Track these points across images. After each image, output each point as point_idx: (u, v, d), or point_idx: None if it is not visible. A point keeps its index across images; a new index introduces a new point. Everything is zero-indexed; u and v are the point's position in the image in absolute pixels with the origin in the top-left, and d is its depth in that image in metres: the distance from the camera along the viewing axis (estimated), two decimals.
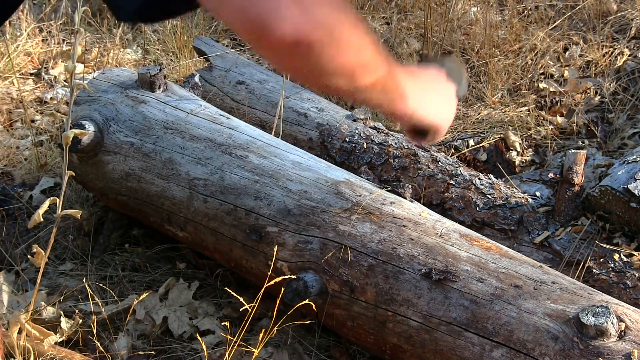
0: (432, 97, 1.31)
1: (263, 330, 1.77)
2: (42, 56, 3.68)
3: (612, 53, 3.32)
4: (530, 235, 2.09)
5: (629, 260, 1.97)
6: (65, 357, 1.97)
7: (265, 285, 1.75)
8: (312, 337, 2.07)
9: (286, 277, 1.82)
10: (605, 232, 2.05)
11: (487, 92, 3.17)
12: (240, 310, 1.74)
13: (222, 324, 1.93)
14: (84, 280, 2.14)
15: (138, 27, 3.91)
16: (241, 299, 1.72)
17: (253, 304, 1.72)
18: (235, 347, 1.81)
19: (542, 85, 3.21)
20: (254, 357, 1.77)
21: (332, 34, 0.95)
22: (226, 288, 1.79)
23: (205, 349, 1.80)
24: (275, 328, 1.75)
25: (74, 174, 1.93)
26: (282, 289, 1.79)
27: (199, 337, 1.86)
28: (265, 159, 2.08)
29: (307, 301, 1.75)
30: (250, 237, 1.97)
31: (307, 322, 1.89)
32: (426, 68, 1.38)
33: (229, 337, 1.82)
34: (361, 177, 2.07)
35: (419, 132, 1.40)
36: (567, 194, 2.08)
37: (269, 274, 1.81)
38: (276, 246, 1.88)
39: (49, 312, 2.12)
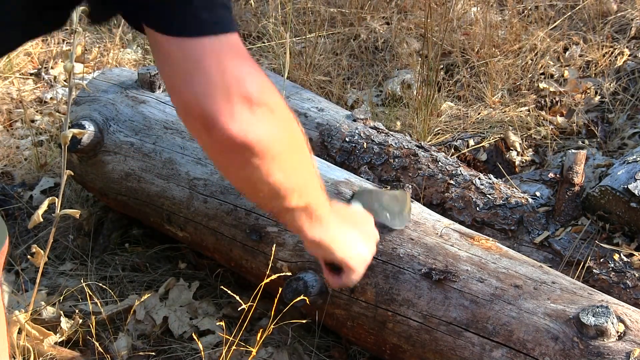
0: (349, 236, 1.33)
1: (260, 330, 1.77)
2: (42, 56, 3.68)
3: (612, 53, 3.31)
4: (530, 235, 2.09)
5: (629, 260, 1.97)
6: (65, 357, 1.97)
7: (262, 283, 1.75)
8: (312, 337, 2.07)
9: (281, 274, 1.82)
10: (605, 232, 2.04)
11: (487, 92, 3.17)
12: (239, 309, 1.74)
13: (218, 323, 1.93)
14: (82, 281, 2.14)
15: None
16: (238, 298, 1.72)
17: (250, 303, 1.72)
18: (233, 347, 1.81)
19: (542, 85, 3.21)
20: (252, 356, 1.77)
21: (274, 152, 0.98)
22: (223, 287, 1.78)
23: (202, 349, 1.80)
24: (272, 327, 1.75)
25: (72, 174, 1.93)
26: (280, 289, 1.79)
27: (195, 337, 1.86)
28: None
29: (303, 297, 1.74)
30: (250, 237, 1.97)
31: (306, 322, 1.89)
32: (353, 208, 1.41)
33: (225, 336, 1.82)
34: (361, 177, 2.07)
35: (335, 268, 1.43)
36: (567, 194, 2.08)
37: (267, 272, 1.81)
38: (274, 245, 1.87)
39: (49, 312, 2.12)
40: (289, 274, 1.85)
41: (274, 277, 1.77)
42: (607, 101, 3.09)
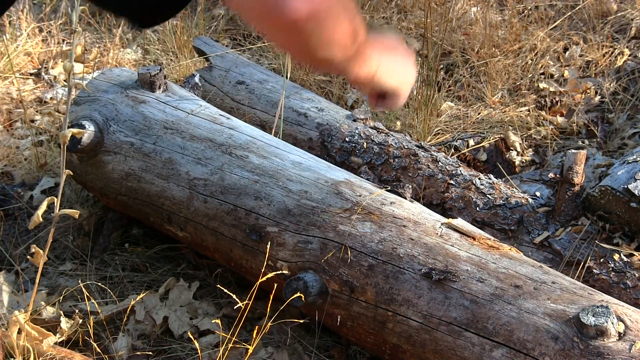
0: (394, 62, 1.39)
1: (257, 327, 1.77)
2: (42, 56, 3.68)
3: (612, 53, 3.32)
4: (530, 235, 2.09)
5: (629, 260, 1.97)
6: (65, 357, 1.97)
7: (258, 282, 1.75)
8: (312, 337, 2.07)
9: (279, 272, 1.82)
10: (605, 232, 2.04)
11: (487, 92, 3.17)
12: (235, 307, 1.74)
13: (213, 321, 1.93)
14: (79, 282, 2.14)
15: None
16: (234, 297, 1.72)
17: (247, 302, 1.72)
18: (231, 346, 1.81)
19: (542, 85, 3.21)
20: (249, 354, 1.77)
21: (333, 7, 1.05)
22: (219, 286, 1.79)
23: (199, 349, 1.80)
24: (270, 324, 1.75)
25: (72, 174, 1.93)
26: (276, 287, 1.79)
27: (191, 336, 1.86)
28: (265, 159, 2.08)
29: (300, 295, 1.74)
30: (250, 237, 1.97)
31: (305, 322, 1.89)
32: (388, 36, 1.46)
33: (222, 334, 1.82)
34: (361, 177, 2.07)
35: (380, 95, 1.49)
36: (567, 194, 2.08)
37: (263, 270, 1.81)
38: (269, 244, 1.87)
39: (49, 312, 2.12)
40: (289, 273, 1.85)
41: (270, 275, 1.77)
42: (607, 101, 3.09)
